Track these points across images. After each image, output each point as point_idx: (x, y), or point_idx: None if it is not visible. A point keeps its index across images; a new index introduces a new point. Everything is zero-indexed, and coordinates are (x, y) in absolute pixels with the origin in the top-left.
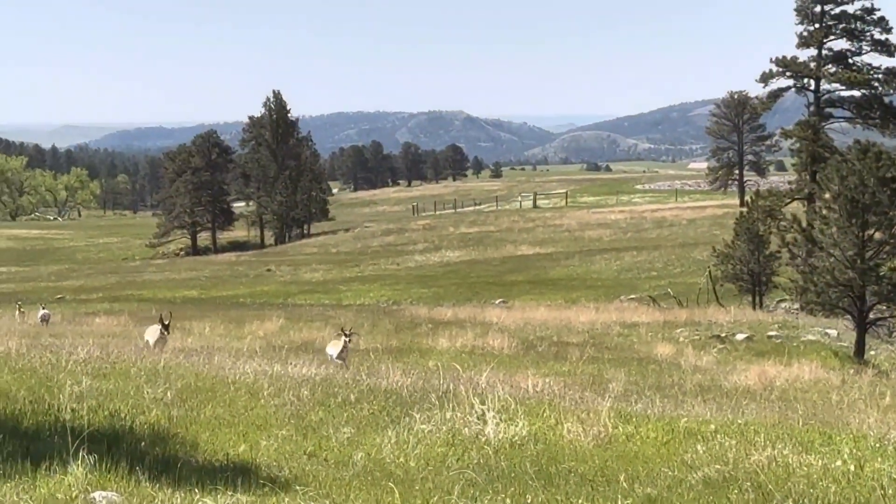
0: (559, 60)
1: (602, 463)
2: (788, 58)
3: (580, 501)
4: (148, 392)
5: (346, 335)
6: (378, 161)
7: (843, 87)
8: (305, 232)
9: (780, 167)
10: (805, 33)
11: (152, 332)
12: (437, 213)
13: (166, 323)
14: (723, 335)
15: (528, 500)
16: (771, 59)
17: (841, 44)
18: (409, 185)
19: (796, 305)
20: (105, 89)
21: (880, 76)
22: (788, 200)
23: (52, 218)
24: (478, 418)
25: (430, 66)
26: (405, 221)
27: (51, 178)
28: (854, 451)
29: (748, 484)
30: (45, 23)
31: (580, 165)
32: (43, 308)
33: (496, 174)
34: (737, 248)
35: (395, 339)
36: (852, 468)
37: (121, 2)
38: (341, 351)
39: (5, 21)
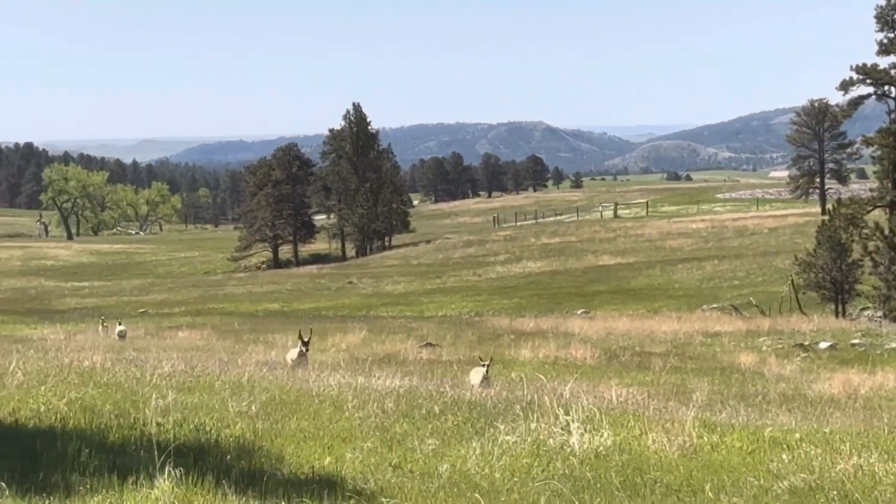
0: (638, 69)
1: (687, 473)
2: (868, 65)
3: None
4: (233, 405)
5: (484, 364)
6: (458, 172)
7: None
8: (387, 244)
9: (862, 175)
10: (885, 40)
11: (292, 352)
12: (518, 224)
13: (306, 339)
14: (806, 344)
15: None
16: (851, 67)
17: None
18: (489, 196)
19: (879, 313)
20: (185, 104)
21: None
22: (870, 208)
23: (133, 232)
24: (562, 429)
25: (509, 77)
26: (486, 233)
27: (132, 192)
28: None
29: (834, 493)
30: (126, 40)
31: (660, 175)
32: (120, 324)
33: (576, 184)
34: (819, 257)
35: (478, 350)
36: None
37: (199, 20)
38: (482, 380)
39: (86, 39)
